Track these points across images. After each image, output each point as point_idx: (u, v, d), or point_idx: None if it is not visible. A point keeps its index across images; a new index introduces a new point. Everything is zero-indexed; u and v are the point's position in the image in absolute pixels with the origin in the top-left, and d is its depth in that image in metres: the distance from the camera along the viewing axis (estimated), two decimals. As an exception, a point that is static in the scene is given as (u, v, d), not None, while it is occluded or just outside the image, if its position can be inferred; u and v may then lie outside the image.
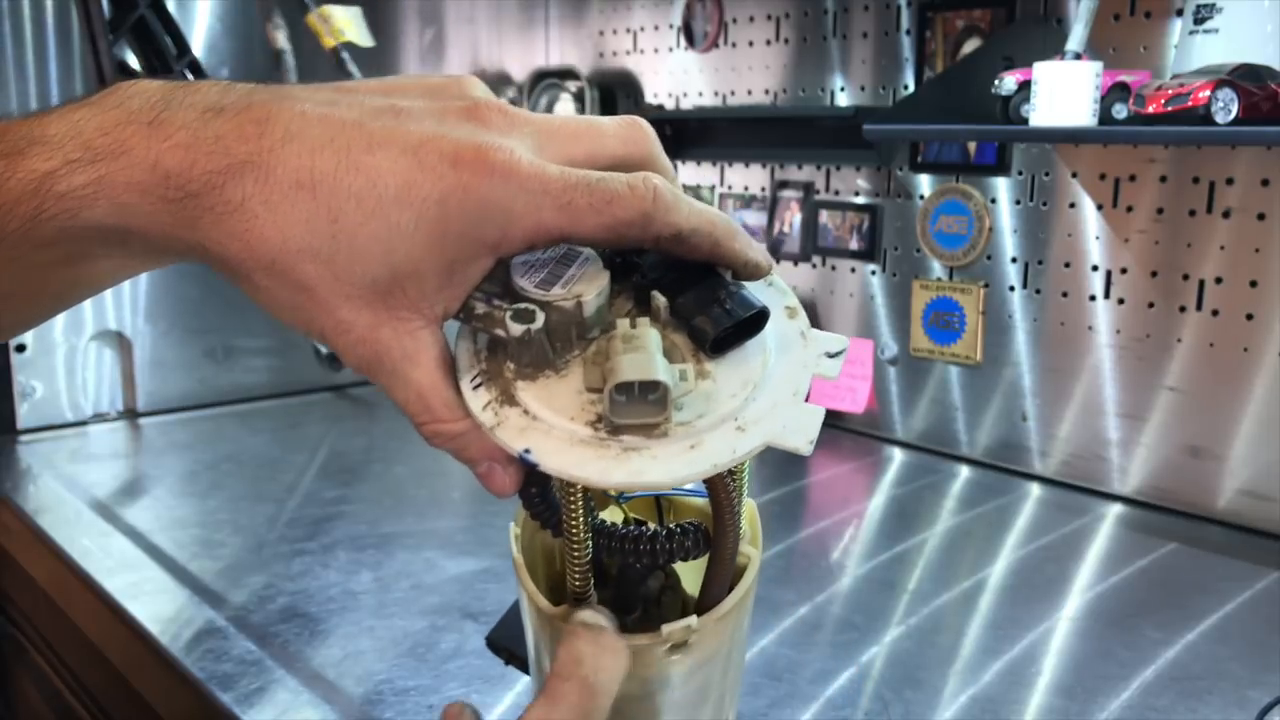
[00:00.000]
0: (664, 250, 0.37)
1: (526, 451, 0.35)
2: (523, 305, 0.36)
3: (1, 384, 1.52)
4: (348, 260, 0.35)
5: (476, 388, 0.37)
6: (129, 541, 1.15)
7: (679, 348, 0.37)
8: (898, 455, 1.50)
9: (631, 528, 0.41)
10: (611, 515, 0.44)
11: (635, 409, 0.35)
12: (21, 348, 1.52)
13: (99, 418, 1.60)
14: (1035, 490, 1.35)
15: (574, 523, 0.39)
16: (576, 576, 0.40)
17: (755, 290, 0.38)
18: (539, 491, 0.40)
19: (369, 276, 0.35)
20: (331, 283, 0.35)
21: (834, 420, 1.60)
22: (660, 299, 0.37)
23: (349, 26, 1.52)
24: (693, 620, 0.39)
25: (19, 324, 0.40)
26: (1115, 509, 1.28)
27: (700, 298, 0.37)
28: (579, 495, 0.38)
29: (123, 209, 0.34)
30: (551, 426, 0.35)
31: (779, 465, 1.48)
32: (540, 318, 0.35)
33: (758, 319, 0.37)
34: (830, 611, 1.00)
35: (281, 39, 1.55)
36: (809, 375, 0.38)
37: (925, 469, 1.45)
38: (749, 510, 0.44)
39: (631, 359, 0.35)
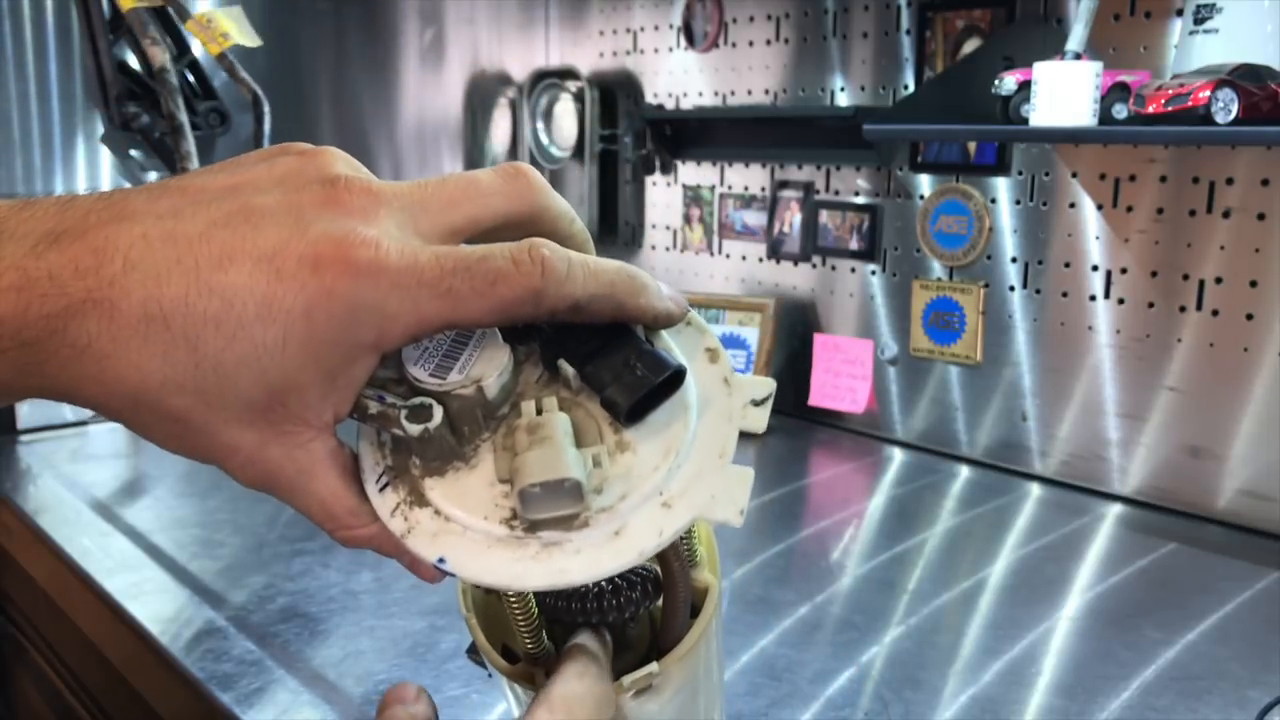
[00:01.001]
0: (563, 320, 0.35)
1: (441, 561, 0.34)
2: (418, 401, 0.34)
3: (1, 384, 1.51)
4: (217, 387, 0.32)
5: (383, 489, 0.35)
6: (129, 541, 1.15)
7: (594, 418, 0.35)
8: (897, 455, 1.50)
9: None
10: None
11: (550, 502, 0.33)
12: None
13: (99, 418, 1.60)
14: (1035, 490, 1.35)
15: (513, 596, 0.38)
16: (528, 640, 0.39)
17: (672, 335, 0.37)
18: None
19: (243, 400, 0.33)
20: (204, 411, 0.33)
21: (834, 420, 1.60)
22: (568, 369, 0.35)
23: (233, 29, 1.44)
24: (654, 667, 0.38)
25: None
26: (1115, 509, 1.28)
27: (610, 363, 0.34)
28: None
29: None
30: (465, 528, 0.34)
31: (779, 465, 1.48)
32: (438, 413, 0.33)
33: (673, 380, 0.35)
34: (830, 611, 1.00)
35: (160, 55, 1.45)
36: (735, 431, 0.35)
37: (925, 469, 1.45)
38: (704, 533, 0.42)
39: (538, 455, 0.32)
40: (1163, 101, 1.00)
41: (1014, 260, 1.39)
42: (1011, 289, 1.39)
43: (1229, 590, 1.05)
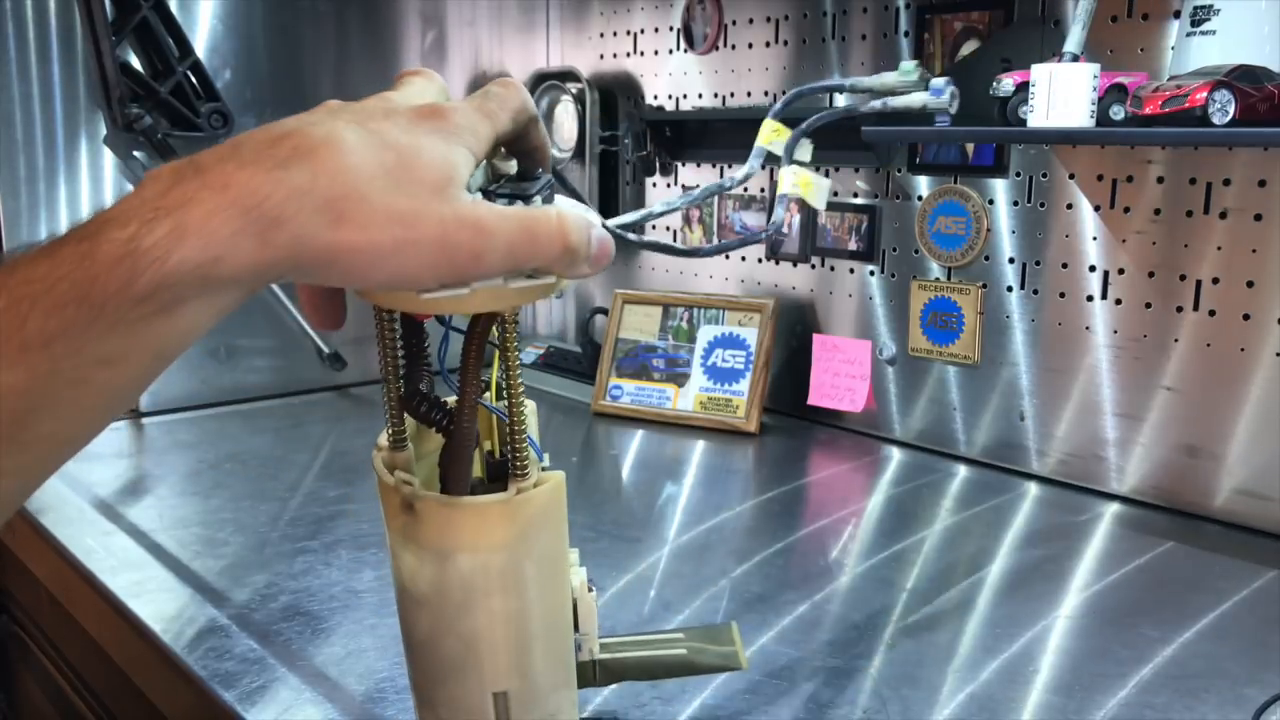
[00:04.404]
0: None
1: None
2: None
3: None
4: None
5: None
6: (132, 540, 1.16)
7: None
8: (896, 454, 1.50)
9: None
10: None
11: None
12: (24, 348, 1.52)
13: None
14: (1033, 489, 1.36)
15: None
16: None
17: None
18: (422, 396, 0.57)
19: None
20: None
21: (833, 419, 1.61)
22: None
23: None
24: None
25: (128, 388, 0.42)
26: (1113, 508, 1.29)
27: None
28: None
29: (208, 239, 0.39)
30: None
31: (777, 464, 1.48)
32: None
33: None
34: (829, 610, 1.01)
35: None
36: None
37: (923, 468, 1.45)
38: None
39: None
40: (1160, 103, 1.00)
41: (1012, 261, 1.39)
42: (1009, 289, 1.40)
43: (1226, 589, 1.05)
